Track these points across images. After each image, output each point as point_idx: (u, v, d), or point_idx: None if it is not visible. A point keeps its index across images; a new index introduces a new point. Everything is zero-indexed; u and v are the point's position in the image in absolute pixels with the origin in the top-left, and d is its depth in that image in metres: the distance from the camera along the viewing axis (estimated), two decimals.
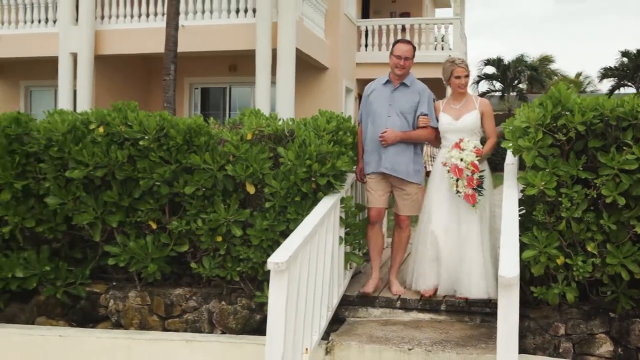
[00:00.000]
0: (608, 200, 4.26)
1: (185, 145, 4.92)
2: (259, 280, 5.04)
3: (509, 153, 4.94)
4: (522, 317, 4.68)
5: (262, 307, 5.03)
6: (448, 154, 4.99)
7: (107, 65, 15.28)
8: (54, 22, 15.38)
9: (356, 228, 5.13)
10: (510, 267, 3.36)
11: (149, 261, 5.07)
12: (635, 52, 29.58)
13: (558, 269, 4.44)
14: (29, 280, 5.27)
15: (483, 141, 5.22)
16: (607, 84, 34.19)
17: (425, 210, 5.23)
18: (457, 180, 4.87)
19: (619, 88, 31.20)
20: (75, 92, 14.71)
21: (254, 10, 13.41)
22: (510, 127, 4.64)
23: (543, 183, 4.32)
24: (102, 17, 14.89)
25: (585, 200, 4.32)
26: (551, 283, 4.50)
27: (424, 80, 16.96)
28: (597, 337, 4.57)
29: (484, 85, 31.62)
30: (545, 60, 41.41)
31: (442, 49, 18.24)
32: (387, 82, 5.27)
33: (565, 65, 73.30)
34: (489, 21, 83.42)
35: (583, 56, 77.75)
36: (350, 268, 5.38)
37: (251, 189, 4.87)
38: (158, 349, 4.69)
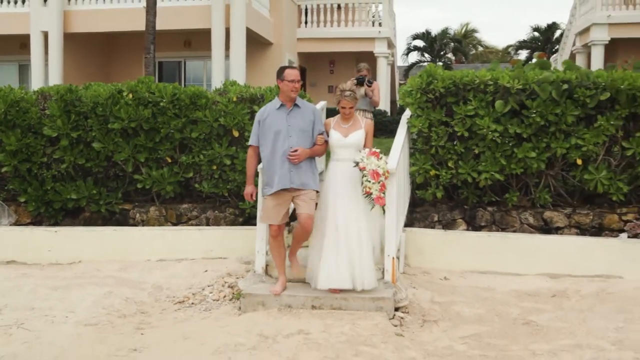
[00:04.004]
0: (459, 134, 6.98)
1: (191, 105, 7.38)
2: (241, 195, 7.53)
3: (407, 110, 7.52)
4: (412, 211, 7.42)
5: (243, 212, 7.59)
6: (367, 159, 5.44)
7: (74, 43, 17.08)
8: (23, 2, 17.05)
9: None
10: (393, 163, 5.90)
11: (166, 184, 7.54)
12: (545, 26, 32.97)
13: (431, 178, 7.16)
14: (80, 200, 7.67)
15: None
16: (524, 55, 37.54)
17: (321, 208, 5.71)
18: (373, 183, 5.41)
19: (532, 59, 34.60)
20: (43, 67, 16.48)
21: None
22: (402, 91, 7.29)
23: (420, 124, 7.01)
24: None
25: (446, 135, 7.03)
26: (427, 187, 7.22)
27: (357, 53, 19.78)
28: (457, 221, 7.34)
29: (413, 56, 34.51)
30: (471, 30, 44.40)
31: (373, 25, 20.78)
32: (281, 106, 5.63)
33: (501, 33, 76.81)
34: None
35: (518, 24, 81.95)
36: None
37: (236, 133, 7.40)
38: (181, 235, 7.24)
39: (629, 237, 6.85)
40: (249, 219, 7.48)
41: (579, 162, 6.91)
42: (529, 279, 6.50)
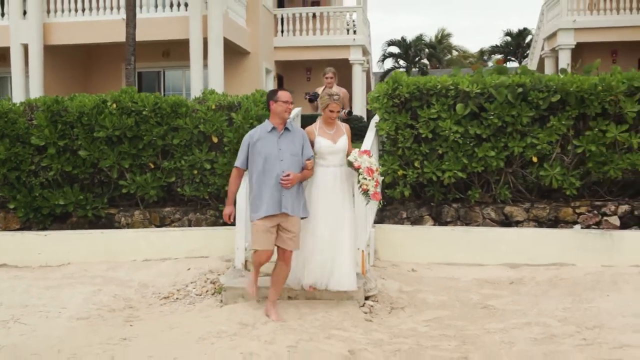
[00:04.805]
0: (424, 136, 7.49)
1: (172, 113, 7.82)
2: (221, 197, 8.01)
3: (377, 115, 8.02)
4: (382, 209, 7.90)
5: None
6: (361, 158, 5.64)
7: (54, 55, 17.35)
8: (2, 15, 17.31)
9: None
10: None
11: (150, 189, 7.96)
12: (517, 31, 33.83)
13: (399, 178, 7.66)
14: (67, 206, 8.06)
15: None
16: (496, 59, 38.33)
17: (312, 213, 5.73)
18: (369, 180, 5.61)
19: (506, 62, 35.45)
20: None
21: (186, 5, 15.99)
22: (370, 96, 7.79)
23: (388, 127, 7.52)
24: (49, 11, 16.98)
25: (412, 137, 7.54)
26: (396, 186, 7.71)
27: (333, 61, 20.26)
28: (424, 217, 7.85)
29: (389, 63, 35.19)
30: (446, 36, 45.20)
31: (348, 32, 21.31)
32: (273, 129, 5.58)
33: (477, 38, 77.65)
34: None
35: (495, 29, 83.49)
36: None
37: (215, 139, 7.84)
38: (165, 236, 7.67)
39: (582, 228, 7.40)
40: None
41: (535, 159, 7.45)
42: (490, 269, 7.01)
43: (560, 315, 5.44)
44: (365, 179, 5.61)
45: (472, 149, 7.43)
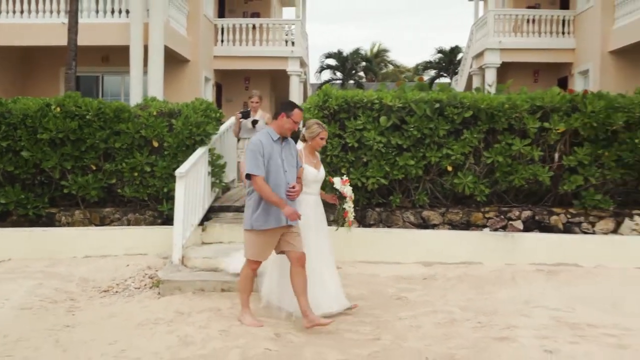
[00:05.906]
0: (350, 145, 8.17)
1: (115, 118, 8.24)
2: (160, 198, 8.47)
3: None
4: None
5: (162, 214, 8.48)
6: (345, 187, 6.01)
7: None
8: None
9: (217, 167, 8.67)
10: None
11: (91, 189, 8.33)
12: (449, 49, 35.30)
13: (327, 184, 8.26)
14: (8, 205, 8.34)
15: None
16: (432, 73, 39.78)
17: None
18: (350, 207, 5.97)
19: (438, 78, 36.83)
20: None
21: (127, 12, 16.26)
22: (303, 107, 8.41)
23: None
24: None
25: (339, 145, 8.20)
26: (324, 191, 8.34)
27: (271, 71, 20.83)
28: None
29: (326, 74, 36.04)
30: (382, 51, 46.46)
31: (286, 44, 21.94)
32: (278, 139, 5.50)
33: (414, 52, 79.77)
34: (356, 8, 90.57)
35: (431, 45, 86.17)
36: (214, 192, 8.90)
37: (156, 144, 8.30)
38: (105, 234, 8.06)
39: (490, 231, 8.22)
40: (167, 220, 8.36)
41: (450, 169, 8.23)
42: (407, 267, 7.72)
43: (462, 305, 6.17)
44: (351, 207, 6.05)
45: (394, 158, 8.15)
